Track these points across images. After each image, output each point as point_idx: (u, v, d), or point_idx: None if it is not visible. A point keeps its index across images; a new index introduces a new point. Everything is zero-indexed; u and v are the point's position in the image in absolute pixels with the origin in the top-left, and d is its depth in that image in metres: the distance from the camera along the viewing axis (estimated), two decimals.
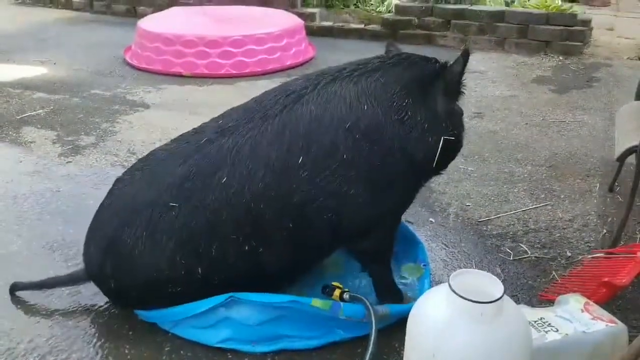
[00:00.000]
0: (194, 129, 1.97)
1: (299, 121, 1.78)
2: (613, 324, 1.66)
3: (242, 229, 1.76)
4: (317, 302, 1.78)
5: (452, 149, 1.92)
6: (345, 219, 1.81)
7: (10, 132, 3.61)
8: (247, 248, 1.77)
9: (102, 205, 1.94)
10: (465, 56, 1.79)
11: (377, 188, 1.80)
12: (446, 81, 1.84)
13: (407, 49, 2.04)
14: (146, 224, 1.78)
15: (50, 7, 7.84)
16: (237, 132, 1.81)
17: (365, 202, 1.80)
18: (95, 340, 1.89)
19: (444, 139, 1.82)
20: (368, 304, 1.75)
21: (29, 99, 4.24)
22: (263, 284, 1.84)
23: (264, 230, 1.77)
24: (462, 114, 1.95)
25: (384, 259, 2.02)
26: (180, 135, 1.99)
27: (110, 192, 1.95)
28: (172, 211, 1.77)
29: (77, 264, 2.18)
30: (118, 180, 1.96)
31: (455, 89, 1.86)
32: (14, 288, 2.09)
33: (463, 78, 1.85)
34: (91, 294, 2.05)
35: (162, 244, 1.77)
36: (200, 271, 1.78)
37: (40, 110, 4.01)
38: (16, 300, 2.06)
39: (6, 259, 2.30)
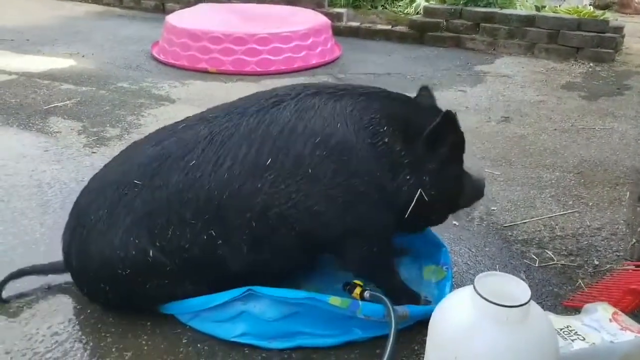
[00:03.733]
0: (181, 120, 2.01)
1: (272, 124, 1.77)
2: None
3: (202, 216, 1.75)
4: (335, 300, 1.75)
5: (426, 212, 1.84)
6: (308, 233, 1.77)
7: (37, 122, 3.65)
8: (205, 237, 1.76)
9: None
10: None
11: (340, 207, 1.75)
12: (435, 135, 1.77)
13: (434, 51, 2.00)
14: (110, 202, 1.80)
15: (80, 1, 7.94)
16: (214, 122, 1.84)
17: (327, 220, 1.76)
18: (112, 329, 1.88)
19: (420, 192, 1.77)
20: (389, 303, 1.71)
21: (56, 90, 4.28)
22: (222, 280, 1.82)
23: (224, 223, 1.75)
24: (462, 183, 1.91)
25: (378, 272, 1.94)
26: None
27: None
28: (135, 188, 1.78)
29: None
30: (104, 166, 2.01)
31: (442, 150, 1.79)
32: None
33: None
34: None
35: (119, 221, 1.77)
36: (151, 254, 1.76)
37: (67, 102, 4.05)
38: (36, 289, 2.07)
39: (28, 247, 2.31)
